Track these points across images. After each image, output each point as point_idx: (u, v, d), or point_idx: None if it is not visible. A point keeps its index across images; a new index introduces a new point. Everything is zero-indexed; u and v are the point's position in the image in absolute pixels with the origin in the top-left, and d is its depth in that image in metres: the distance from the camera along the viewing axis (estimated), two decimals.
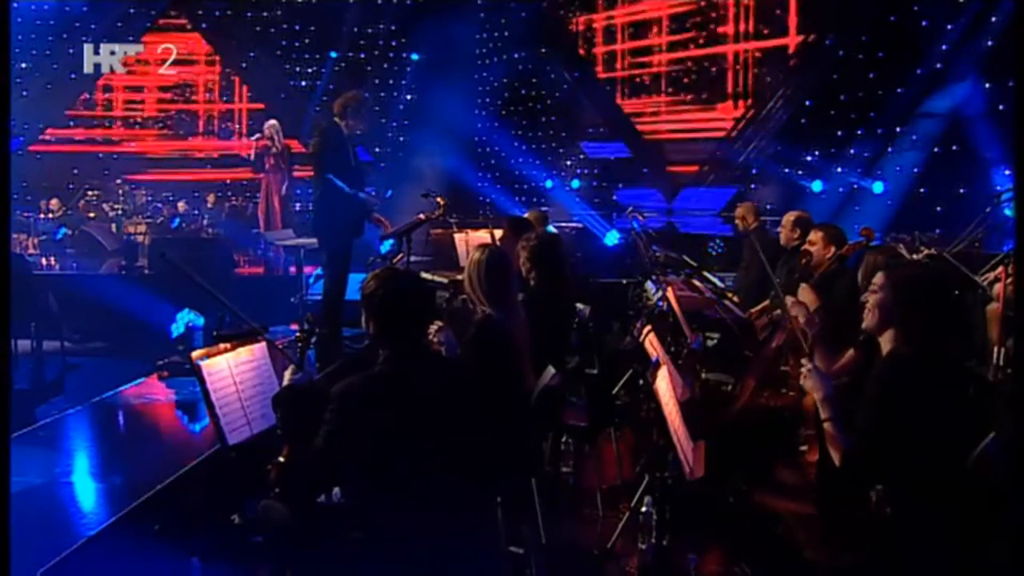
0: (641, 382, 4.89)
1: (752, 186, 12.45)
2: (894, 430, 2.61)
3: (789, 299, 4.02)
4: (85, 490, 3.87)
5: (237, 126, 15.67)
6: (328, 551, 2.61)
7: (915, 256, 4.73)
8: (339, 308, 5.92)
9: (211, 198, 13.77)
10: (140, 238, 11.86)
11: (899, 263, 2.88)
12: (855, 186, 11.33)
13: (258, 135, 10.24)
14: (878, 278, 2.86)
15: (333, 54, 14.87)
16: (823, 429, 2.79)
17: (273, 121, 10.31)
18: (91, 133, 15.41)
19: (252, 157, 10.40)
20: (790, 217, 6.17)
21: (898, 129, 11.15)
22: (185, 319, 6.50)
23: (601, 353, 5.39)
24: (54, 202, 13.14)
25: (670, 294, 5.03)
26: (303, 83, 15.26)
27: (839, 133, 11.58)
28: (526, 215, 6.92)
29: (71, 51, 14.45)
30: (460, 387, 2.71)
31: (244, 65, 15.43)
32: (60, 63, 14.60)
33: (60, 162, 14.76)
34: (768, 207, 10.12)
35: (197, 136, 15.72)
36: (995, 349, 4.46)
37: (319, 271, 7.68)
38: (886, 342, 2.80)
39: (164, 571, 3.15)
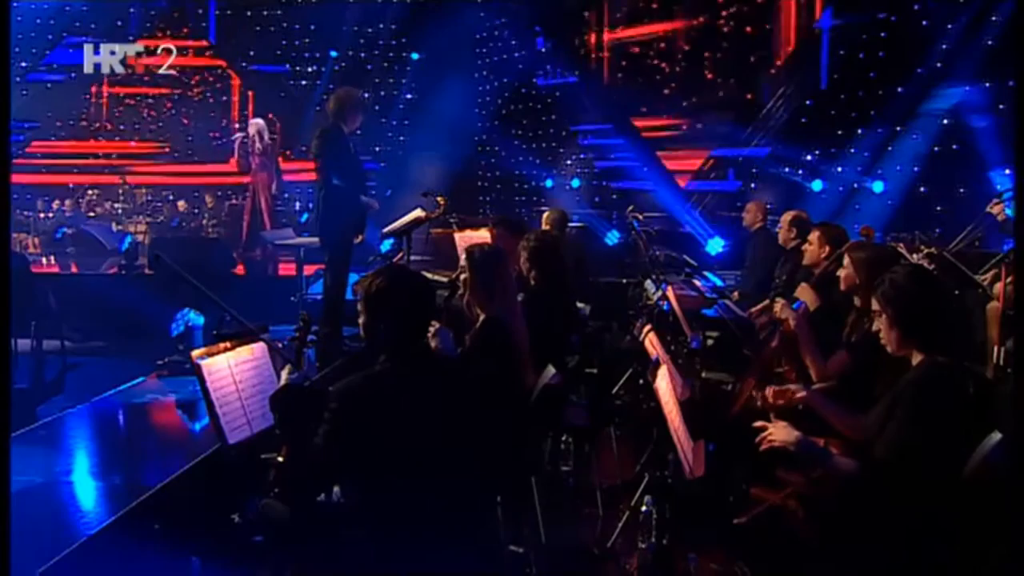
0: (641, 381, 4.90)
1: (752, 185, 12.44)
2: (935, 439, 2.61)
3: (779, 302, 4.03)
4: (85, 490, 3.87)
5: (237, 125, 15.64)
6: (328, 551, 2.61)
7: (915, 256, 4.71)
8: (340, 307, 5.92)
9: (210, 198, 13.76)
10: (140, 237, 11.87)
11: (880, 279, 2.87)
12: (855, 186, 11.32)
13: (242, 134, 10.20)
14: (873, 304, 2.86)
15: (333, 54, 14.86)
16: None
17: (258, 120, 10.27)
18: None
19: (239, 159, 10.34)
20: (787, 217, 6.20)
21: (898, 129, 11.14)
22: (185, 318, 6.49)
23: (601, 353, 5.40)
24: (56, 202, 13.15)
25: (670, 294, 5.03)
26: (303, 83, 15.25)
27: (839, 133, 11.57)
28: (546, 214, 6.87)
29: (71, 51, 14.44)
30: (460, 386, 2.71)
31: (244, 64, 15.42)
32: (60, 63, 14.60)
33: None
34: (768, 207, 10.12)
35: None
36: (995, 349, 4.47)
37: (319, 270, 7.68)
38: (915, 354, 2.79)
39: (164, 571, 3.14)
